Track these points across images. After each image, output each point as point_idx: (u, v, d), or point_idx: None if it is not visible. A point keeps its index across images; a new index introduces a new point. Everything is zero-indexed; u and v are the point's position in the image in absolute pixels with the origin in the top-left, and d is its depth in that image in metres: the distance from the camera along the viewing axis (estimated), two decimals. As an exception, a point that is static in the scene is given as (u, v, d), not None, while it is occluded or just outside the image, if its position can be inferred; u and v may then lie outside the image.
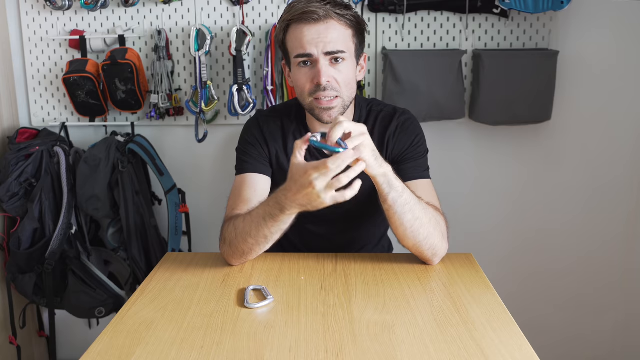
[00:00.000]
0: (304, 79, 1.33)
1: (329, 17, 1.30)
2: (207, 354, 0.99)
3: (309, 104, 1.35)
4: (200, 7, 2.01)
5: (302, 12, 1.30)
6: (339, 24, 1.31)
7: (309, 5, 1.30)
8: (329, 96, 1.32)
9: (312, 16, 1.29)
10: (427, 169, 1.44)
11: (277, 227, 1.23)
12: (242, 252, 1.31)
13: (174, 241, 2.06)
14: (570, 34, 1.99)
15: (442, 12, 1.99)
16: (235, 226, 1.30)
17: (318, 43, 1.30)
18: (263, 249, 1.31)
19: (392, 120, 1.44)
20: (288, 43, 1.35)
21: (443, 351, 0.98)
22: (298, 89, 1.37)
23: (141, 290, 1.24)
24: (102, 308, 1.98)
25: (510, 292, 1.94)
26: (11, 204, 1.90)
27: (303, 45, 1.31)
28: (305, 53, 1.31)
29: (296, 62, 1.34)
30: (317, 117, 1.36)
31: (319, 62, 1.30)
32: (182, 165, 2.15)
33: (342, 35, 1.32)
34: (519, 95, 1.94)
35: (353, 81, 1.36)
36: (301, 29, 1.31)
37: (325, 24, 1.30)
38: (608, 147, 2.08)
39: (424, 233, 1.27)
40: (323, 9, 1.29)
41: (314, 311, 1.13)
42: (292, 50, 1.34)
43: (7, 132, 2.04)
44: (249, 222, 1.27)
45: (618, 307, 2.20)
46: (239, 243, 1.30)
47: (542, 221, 2.16)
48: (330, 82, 1.31)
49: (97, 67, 1.98)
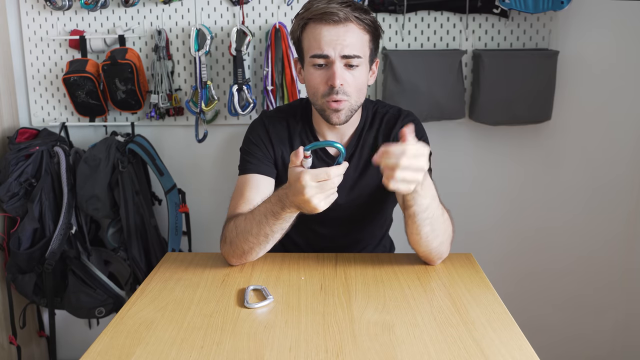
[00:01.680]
0: (317, 80, 1.33)
1: (349, 20, 1.29)
2: (207, 354, 0.99)
3: (321, 104, 1.35)
4: (200, 7, 2.01)
5: (322, 12, 1.28)
6: (357, 27, 1.30)
7: (329, 5, 1.28)
8: (340, 98, 1.32)
9: (332, 17, 1.28)
10: (429, 171, 1.44)
11: (279, 225, 1.24)
12: (242, 251, 1.31)
13: (174, 241, 2.06)
14: (570, 34, 1.99)
15: (442, 12, 1.99)
16: (237, 225, 1.31)
17: (336, 45, 1.29)
18: (263, 249, 1.31)
19: (397, 122, 1.45)
20: (304, 41, 1.34)
21: (443, 351, 0.98)
22: (310, 89, 1.36)
23: (141, 290, 1.24)
24: (102, 308, 1.98)
25: (510, 292, 1.94)
26: (11, 204, 1.90)
27: (321, 46, 1.30)
28: (322, 54, 1.30)
29: (311, 62, 1.33)
30: (327, 118, 1.36)
31: (335, 64, 1.30)
32: (182, 165, 2.15)
33: (360, 40, 1.31)
34: (519, 95, 1.94)
35: (364, 87, 1.36)
36: (320, 29, 1.30)
37: (344, 27, 1.29)
38: (608, 147, 2.08)
39: (436, 242, 1.29)
40: (343, 11, 1.28)
41: (314, 311, 1.13)
42: (308, 49, 1.33)
43: (7, 132, 2.04)
44: (250, 220, 1.27)
45: (618, 307, 2.20)
46: (239, 242, 1.30)
47: (542, 221, 2.16)
48: (343, 86, 1.31)
49: (97, 67, 1.98)
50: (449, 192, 1.90)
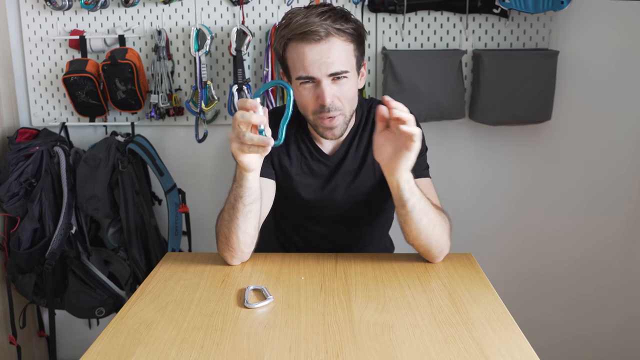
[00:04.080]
0: (307, 98, 1.31)
1: (330, 35, 1.26)
2: (207, 354, 0.99)
3: (313, 121, 1.35)
4: (200, 7, 2.01)
5: (302, 31, 1.25)
6: (340, 40, 1.27)
7: (308, 21, 1.25)
8: (332, 115, 1.31)
9: (313, 37, 1.25)
10: (426, 168, 1.44)
11: (238, 191, 1.24)
12: (225, 238, 1.29)
13: (174, 241, 2.06)
14: (570, 34, 1.99)
15: (442, 12, 1.98)
16: (221, 214, 1.32)
17: (321, 65, 1.26)
18: (240, 230, 1.26)
19: None
20: (288, 60, 1.32)
21: (443, 351, 0.98)
22: (300, 106, 1.35)
23: (141, 290, 1.24)
24: (102, 308, 1.98)
25: (511, 293, 1.93)
26: (11, 204, 1.90)
27: (305, 68, 1.27)
28: (307, 76, 1.28)
29: (298, 82, 1.31)
30: (321, 134, 1.36)
31: (322, 83, 1.28)
32: (182, 165, 2.15)
33: (345, 53, 1.29)
34: (519, 95, 1.94)
35: (355, 95, 1.35)
36: (302, 49, 1.27)
37: (327, 44, 1.26)
38: (608, 146, 2.08)
39: (435, 234, 1.28)
40: (323, 26, 1.24)
41: (314, 311, 1.13)
42: (293, 70, 1.31)
43: (7, 132, 2.04)
44: (225, 201, 1.29)
45: (618, 309, 2.19)
46: (221, 227, 1.30)
47: (542, 222, 2.15)
48: (334, 102, 1.30)
49: (97, 67, 1.98)
50: (449, 192, 1.91)
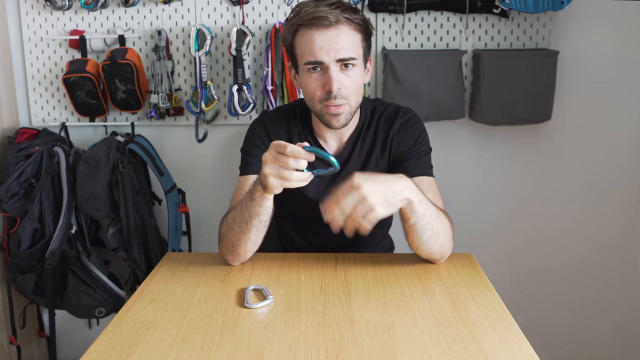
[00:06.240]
0: (314, 85, 1.32)
1: (340, 22, 1.27)
2: (207, 354, 0.99)
3: (319, 110, 1.34)
4: (200, 7, 2.01)
5: (312, 17, 1.27)
6: (349, 28, 1.29)
7: (318, 9, 1.27)
8: (339, 103, 1.31)
9: (323, 22, 1.26)
10: (430, 167, 1.44)
11: (254, 209, 1.23)
12: (232, 245, 1.31)
13: (174, 241, 2.06)
14: (570, 34, 1.99)
15: (442, 12, 1.98)
16: (227, 219, 1.32)
17: (329, 50, 1.27)
18: (249, 240, 1.28)
19: (396, 119, 1.44)
20: (297, 48, 1.33)
21: (443, 351, 0.98)
22: (307, 95, 1.35)
23: (141, 290, 1.24)
24: (102, 308, 1.98)
25: (510, 292, 1.93)
26: (11, 204, 1.90)
27: (314, 53, 1.28)
28: (316, 60, 1.29)
29: (306, 68, 1.32)
30: (326, 123, 1.35)
31: (330, 69, 1.28)
32: (182, 165, 2.15)
33: (353, 41, 1.30)
34: (519, 95, 1.94)
35: (361, 86, 1.35)
36: (311, 34, 1.28)
37: (336, 30, 1.28)
38: (608, 146, 2.08)
39: (438, 243, 1.28)
40: (333, 13, 1.26)
41: (314, 311, 1.13)
42: (301, 56, 1.32)
43: (7, 132, 2.04)
44: (235, 209, 1.29)
45: (618, 308, 2.19)
46: (228, 234, 1.30)
47: (542, 221, 2.15)
48: (341, 90, 1.30)
49: (97, 67, 1.98)
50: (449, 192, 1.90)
